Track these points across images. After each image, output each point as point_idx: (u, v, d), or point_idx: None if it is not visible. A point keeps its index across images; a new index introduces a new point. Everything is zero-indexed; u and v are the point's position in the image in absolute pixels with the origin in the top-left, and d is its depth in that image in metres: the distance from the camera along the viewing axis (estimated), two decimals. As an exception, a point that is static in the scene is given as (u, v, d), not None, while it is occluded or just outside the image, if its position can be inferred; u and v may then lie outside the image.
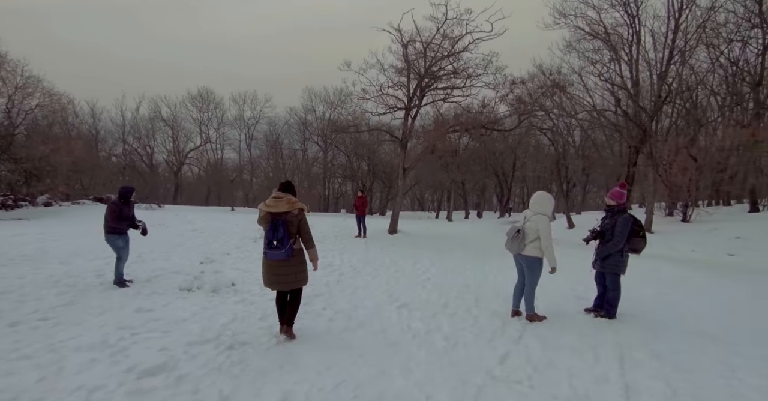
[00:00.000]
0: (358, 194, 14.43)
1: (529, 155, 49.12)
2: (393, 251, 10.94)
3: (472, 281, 7.25)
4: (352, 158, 41.61)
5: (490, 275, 7.77)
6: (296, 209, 4.12)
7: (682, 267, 8.63)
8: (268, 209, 4.08)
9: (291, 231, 4.06)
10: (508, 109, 14.77)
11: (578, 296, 5.98)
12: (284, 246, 3.95)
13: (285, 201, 4.09)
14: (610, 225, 4.90)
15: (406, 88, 15.09)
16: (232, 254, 9.40)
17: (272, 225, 4.00)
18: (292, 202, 4.12)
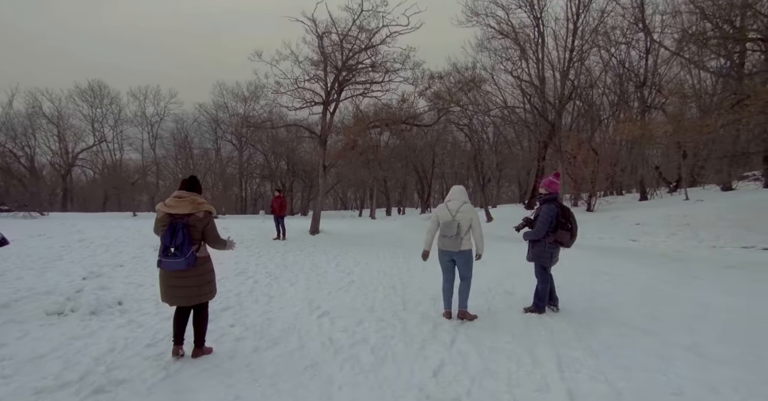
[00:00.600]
0: (275, 194, 13.51)
1: (447, 151, 50.80)
2: (314, 253, 10.27)
3: (398, 281, 6.86)
4: (269, 157, 39.81)
5: (416, 274, 7.45)
6: (202, 211, 3.47)
7: (596, 255, 9.04)
8: (167, 209, 3.41)
9: (193, 237, 3.44)
10: (428, 104, 14.76)
11: (507, 292, 5.82)
12: (183, 254, 3.31)
13: (188, 201, 3.45)
14: (537, 214, 4.78)
15: (324, 81, 14.43)
16: (126, 265, 8.09)
17: (170, 229, 3.34)
18: (198, 202, 3.49)
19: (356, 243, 12.49)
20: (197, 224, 3.45)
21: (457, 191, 4.86)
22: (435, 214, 4.80)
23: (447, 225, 4.58)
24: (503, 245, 10.91)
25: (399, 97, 14.64)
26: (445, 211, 4.69)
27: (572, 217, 4.65)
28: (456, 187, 4.96)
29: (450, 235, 4.53)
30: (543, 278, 4.75)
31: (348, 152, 15.57)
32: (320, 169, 14.84)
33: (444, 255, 4.71)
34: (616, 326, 4.16)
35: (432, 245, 4.82)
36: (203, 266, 3.57)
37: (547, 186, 4.75)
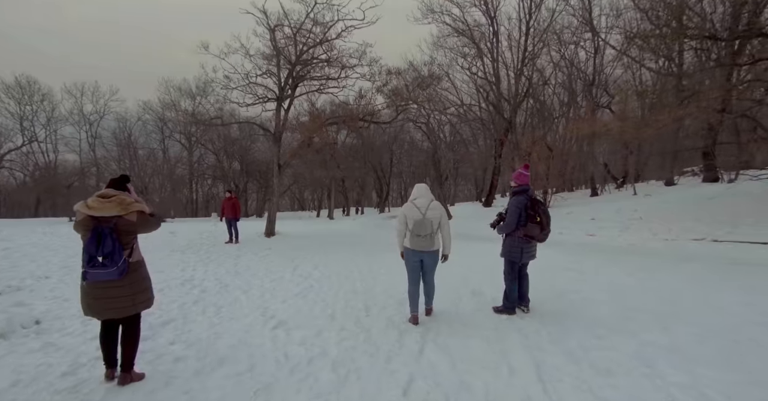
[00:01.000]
0: (226, 195, 12.73)
1: (405, 150, 50.96)
2: (269, 256, 9.68)
3: (360, 284, 6.47)
4: (221, 157, 38.19)
5: (379, 276, 7.09)
6: (133, 212, 3.02)
7: (558, 251, 9.03)
8: (88, 211, 2.89)
9: (124, 242, 2.98)
10: (386, 101, 14.43)
11: (475, 292, 5.57)
12: (115, 263, 2.84)
13: (115, 202, 2.95)
14: (507, 208, 4.58)
15: (277, 76, 13.77)
16: (53, 277, 7.19)
17: (95, 235, 2.83)
18: (126, 203, 3.01)
19: (314, 245, 11.97)
20: (129, 228, 2.98)
21: (422, 188, 4.65)
22: (402, 214, 4.52)
23: (420, 224, 4.33)
24: (466, 243, 10.76)
25: (356, 93, 14.23)
26: (415, 210, 4.44)
27: (543, 209, 4.41)
28: (420, 185, 4.74)
29: (425, 234, 4.30)
30: (509, 277, 4.55)
31: (304, 150, 14.96)
32: (275, 168, 14.16)
33: (414, 255, 4.45)
34: (591, 326, 3.97)
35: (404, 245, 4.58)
36: (137, 272, 3.09)
37: (516, 178, 4.54)
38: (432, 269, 4.53)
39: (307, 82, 14.80)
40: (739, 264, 6.50)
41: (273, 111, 14.12)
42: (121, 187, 3.13)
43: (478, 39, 19.40)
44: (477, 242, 11.53)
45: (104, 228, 2.85)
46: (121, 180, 3.19)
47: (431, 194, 4.60)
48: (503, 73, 21.08)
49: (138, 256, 3.14)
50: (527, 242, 4.40)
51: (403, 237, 4.55)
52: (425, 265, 4.49)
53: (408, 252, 4.47)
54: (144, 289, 3.15)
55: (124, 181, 3.20)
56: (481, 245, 10.24)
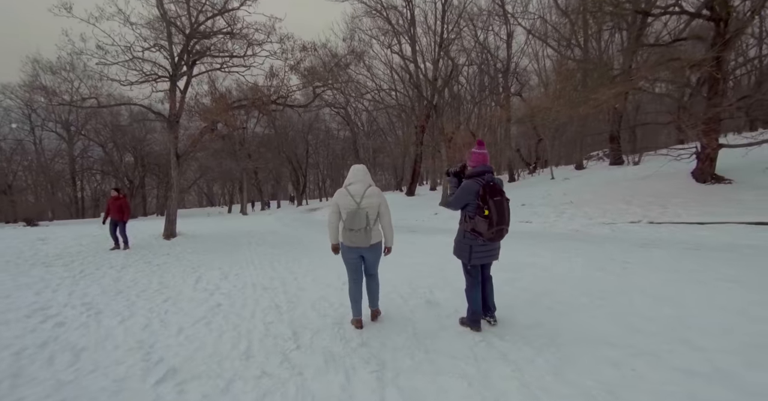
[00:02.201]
0: (112, 194, 10.45)
1: (320, 140, 49.19)
2: (166, 264, 7.90)
3: (282, 297, 5.17)
4: (109, 149, 33.43)
5: (306, 285, 5.85)
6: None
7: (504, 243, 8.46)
8: None
9: None
10: (301, 81, 12.90)
11: (428, 301, 4.55)
12: None
13: None
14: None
15: (168, 51, 11.57)
16: None
17: None
18: None
19: (224, 247, 10.28)
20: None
21: (359, 170, 3.81)
22: (335, 202, 3.67)
23: (353, 216, 3.55)
24: (404, 236, 9.81)
25: (266, 72, 12.51)
26: (348, 198, 3.60)
27: (496, 201, 3.29)
28: (357, 166, 3.88)
29: (358, 228, 3.54)
30: (468, 281, 3.61)
31: (206, 136, 12.92)
32: (172, 159, 12.01)
33: (351, 252, 3.73)
34: (596, 347, 3.04)
35: (338, 237, 3.80)
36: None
37: (471, 159, 3.51)
38: (375, 264, 3.92)
39: (207, 59, 12.75)
40: (700, 249, 6.12)
41: (166, 91, 11.90)
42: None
43: (395, 21, 18.55)
44: (415, 234, 10.69)
45: None
46: None
47: (369, 177, 3.79)
48: (420, 58, 20.56)
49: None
50: (475, 238, 3.41)
51: (336, 230, 3.75)
52: (366, 261, 3.84)
53: (344, 249, 3.74)
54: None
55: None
56: (423, 239, 9.39)
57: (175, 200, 12.55)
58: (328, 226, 3.77)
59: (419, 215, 15.41)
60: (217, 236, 13.07)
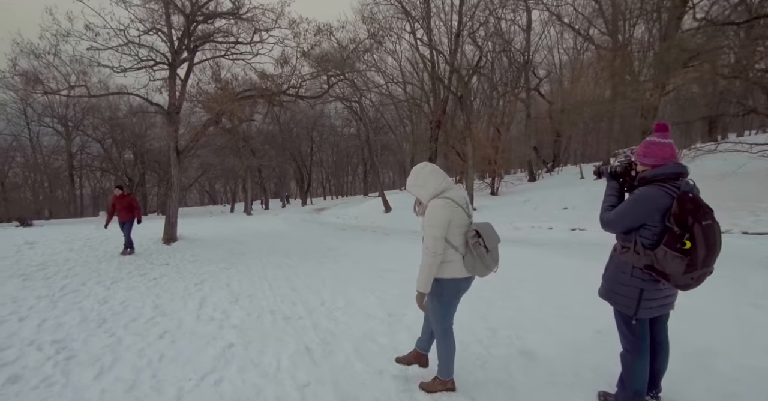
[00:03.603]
0: (116, 193, 9.36)
1: (325, 138, 47.85)
2: (164, 279, 6.70)
3: (312, 334, 3.96)
4: (107, 146, 32.23)
5: (336, 309, 4.66)
6: None
7: (559, 254, 7.22)
8: None
9: None
10: (314, 69, 11.65)
11: (524, 352, 3.29)
12: None
13: None
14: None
15: (167, 34, 10.36)
16: None
17: None
18: None
19: (230, 256, 9.08)
20: None
21: (439, 171, 2.65)
22: (444, 223, 2.47)
23: (489, 232, 2.60)
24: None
25: (276, 60, 11.27)
26: (461, 211, 2.55)
27: (705, 228, 1.93)
28: (434, 166, 2.68)
29: (495, 246, 2.60)
30: (630, 344, 2.29)
31: (210, 129, 11.71)
32: (172, 155, 10.83)
33: (467, 284, 2.65)
34: None
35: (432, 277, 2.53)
36: None
37: (649, 152, 2.25)
38: None
39: (210, 45, 11.54)
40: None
41: (163, 81, 10.69)
42: None
43: (410, 8, 17.28)
44: None
45: None
46: None
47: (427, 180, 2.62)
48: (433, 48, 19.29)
49: None
50: (651, 281, 2.13)
51: (436, 268, 2.50)
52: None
53: (458, 284, 2.59)
54: None
55: None
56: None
57: (176, 201, 11.37)
58: (429, 264, 2.46)
59: None
60: (221, 239, 11.89)
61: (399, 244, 9.73)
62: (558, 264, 6.03)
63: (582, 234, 8.67)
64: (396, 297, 4.98)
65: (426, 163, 2.72)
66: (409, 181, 2.67)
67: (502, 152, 15.46)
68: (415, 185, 2.62)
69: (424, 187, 2.58)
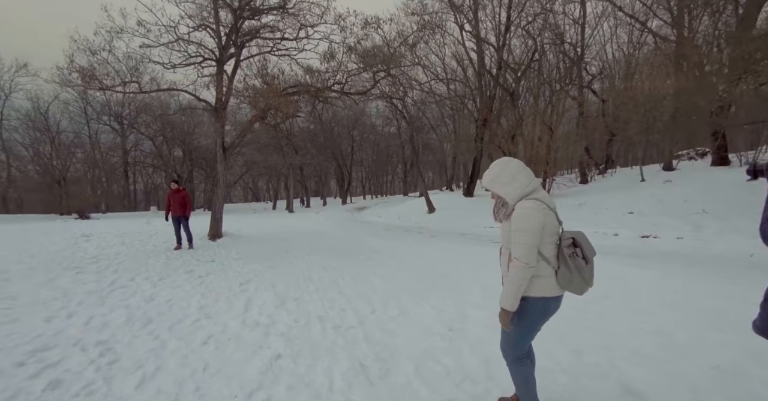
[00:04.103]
0: (173, 187, 9.43)
1: (365, 137, 47.83)
2: (210, 277, 6.57)
3: (365, 346, 3.59)
4: (158, 143, 33.50)
5: (389, 319, 4.28)
6: None
7: (628, 263, 6.52)
8: None
9: None
10: (360, 64, 11.34)
11: (628, 389, 2.75)
12: None
13: None
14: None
15: (215, 30, 10.35)
16: None
17: None
18: None
19: (274, 254, 8.92)
20: None
21: (527, 170, 2.22)
22: (537, 228, 2.05)
23: (585, 240, 2.19)
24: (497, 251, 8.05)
25: (322, 55, 11.05)
26: (552, 215, 2.13)
27: None
28: (519, 162, 2.25)
29: (592, 259, 2.18)
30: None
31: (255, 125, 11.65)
32: (218, 152, 10.84)
33: (554, 306, 2.20)
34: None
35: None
36: None
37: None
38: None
39: (256, 41, 11.48)
40: None
41: (211, 77, 10.70)
42: None
43: (459, 1, 16.66)
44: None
45: None
46: None
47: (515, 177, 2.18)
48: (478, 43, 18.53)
49: None
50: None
51: (528, 280, 2.08)
52: None
53: (546, 305, 2.17)
54: None
55: None
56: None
57: (222, 198, 11.40)
58: (520, 278, 2.05)
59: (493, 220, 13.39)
60: (264, 237, 11.83)
61: (448, 247, 9.24)
62: (635, 277, 5.36)
63: (655, 243, 7.81)
64: (453, 309, 4.53)
65: (510, 158, 2.27)
66: (488, 176, 2.23)
67: (555, 151, 14.59)
68: (498, 181, 2.18)
69: (511, 185, 2.14)
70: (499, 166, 2.22)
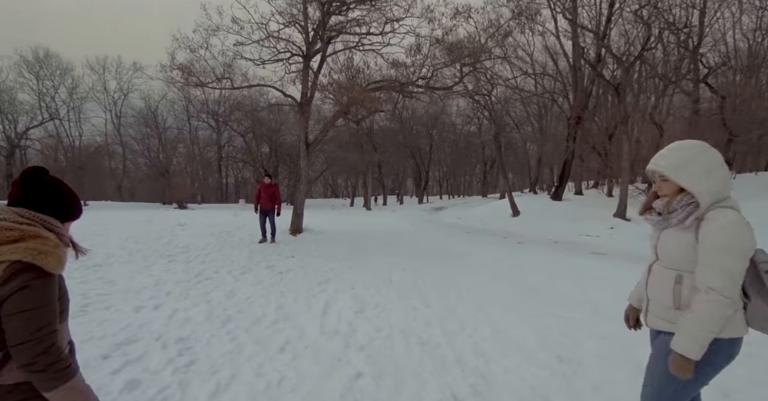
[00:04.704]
0: (265, 181, 9.63)
1: (443, 136, 46.92)
2: (290, 274, 6.46)
3: (457, 372, 3.08)
4: (248, 139, 35.55)
5: (482, 339, 3.73)
6: (9, 263, 1.13)
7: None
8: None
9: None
10: (446, 58, 10.76)
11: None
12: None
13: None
14: None
15: (303, 25, 10.39)
16: None
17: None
18: (12, 239, 1.15)
19: (353, 252, 8.71)
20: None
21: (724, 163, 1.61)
22: (747, 242, 1.46)
23: None
24: (593, 262, 7.13)
25: (408, 48, 10.65)
26: (753, 234, 1.50)
27: None
28: (713, 149, 1.61)
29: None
30: None
31: (338, 120, 11.59)
32: (302, 147, 10.93)
33: (738, 350, 1.58)
34: None
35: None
36: None
37: None
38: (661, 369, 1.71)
39: (343, 37, 11.41)
40: None
41: (297, 73, 10.78)
42: (30, 195, 1.25)
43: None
44: (600, 260, 7.94)
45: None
46: (30, 181, 1.27)
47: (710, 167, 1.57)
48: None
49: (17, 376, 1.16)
50: None
51: (726, 319, 1.48)
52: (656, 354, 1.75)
53: (732, 349, 1.57)
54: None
55: (36, 183, 1.27)
56: (620, 271, 6.62)
57: (303, 193, 11.51)
58: (719, 317, 1.46)
59: (591, 227, 12.02)
60: (343, 234, 11.76)
61: (539, 256, 8.38)
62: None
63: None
64: (558, 333, 3.86)
65: (702, 142, 1.63)
66: (670, 160, 1.61)
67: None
68: (687, 170, 1.56)
69: (706, 181, 1.53)
70: (689, 149, 1.60)
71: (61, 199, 1.32)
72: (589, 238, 10.71)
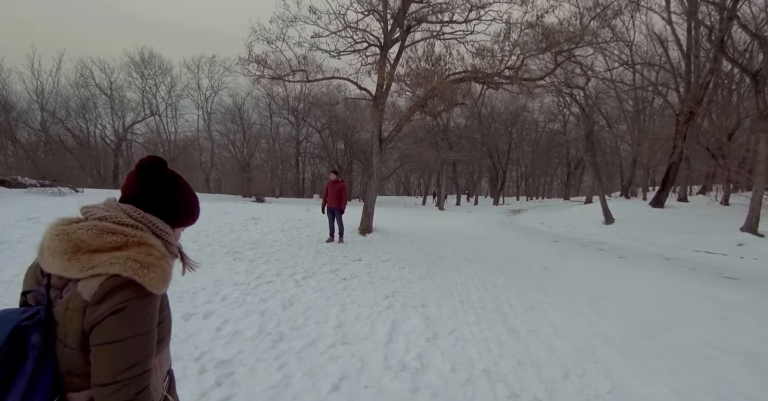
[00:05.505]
0: (331, 178, 9.23)
1: (523, 136, 44.32)
2: (354, 282, 5.84)
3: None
4: (324, 135, 36.07)
5: (597, 381, 2.77)
6: (100, 276, 0.90)
7: None
8: (42, 262, 0.95)
9: (60, 366, 0.91)
10: (537, 46, 9.53)
11: None
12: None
13: (66, 241, 0.92)
14: None
15: (382, 14, 9.76)
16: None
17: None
18: (112, 246, 0.93)
19: (425, 260, 7.92)
20: (73, 319, 0.89)
21: None
22: None
23: None
24: (720, 292, 5.72)
25: (495, 35, 9.58)
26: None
27: None
28: None
29: None
30: None
31: (413, 114, 10.84)
32: (375, 144, 10.35)
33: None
34: None
35: None
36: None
37: None
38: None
39: (423, 24, 10.60)
40: None
41: (374, 64, 10.18)
42: (147, 191, 1.06)
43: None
44: (731, 286, 6.44)
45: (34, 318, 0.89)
46: (147, 174, 1.07)
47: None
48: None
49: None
50: None
51: None
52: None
53: None
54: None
55: (154, 176, 1.07)
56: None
57: (375, 191, 10.95)
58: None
59: (712, 243, 9.93)
60: (415, 236, 11.03)
61: (653, 277, 6.95)
62: None
63: None
64: (705, 394, 2.79)
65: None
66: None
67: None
68: None
69: None
70: None
71: (179, 199, 1.11)
72: (711, 256, 8.89)
